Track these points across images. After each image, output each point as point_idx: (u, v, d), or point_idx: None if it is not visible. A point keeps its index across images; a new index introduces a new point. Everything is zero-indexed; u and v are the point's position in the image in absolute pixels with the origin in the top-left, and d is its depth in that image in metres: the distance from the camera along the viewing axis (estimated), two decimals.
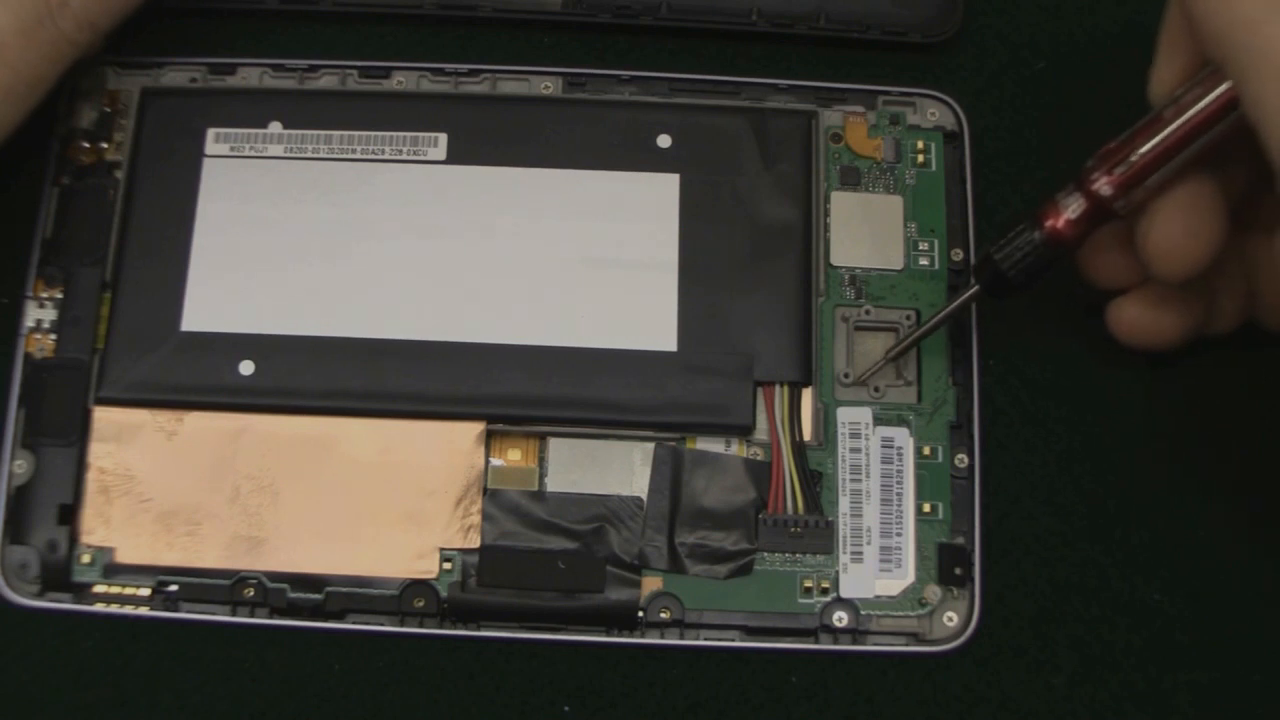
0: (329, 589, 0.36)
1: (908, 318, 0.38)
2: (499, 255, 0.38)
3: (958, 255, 0.39)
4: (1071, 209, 0.34)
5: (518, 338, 0.37)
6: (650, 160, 0.39)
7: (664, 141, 0.39)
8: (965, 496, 0.37)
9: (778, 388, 0.37)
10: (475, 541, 0.36)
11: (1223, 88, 0.31)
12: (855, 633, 0.36)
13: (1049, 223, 0.34)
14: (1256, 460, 0.38)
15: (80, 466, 0.37)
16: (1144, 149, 0.32)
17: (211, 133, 0.39)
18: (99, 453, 0.37)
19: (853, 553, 0.37)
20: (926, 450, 0.37)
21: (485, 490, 0.37)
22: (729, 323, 0.37)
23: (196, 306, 0.37)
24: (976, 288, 0.36)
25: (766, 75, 0.40)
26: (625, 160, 0.39)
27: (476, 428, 0.37)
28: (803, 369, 0.37)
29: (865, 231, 0.39)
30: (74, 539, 0.36)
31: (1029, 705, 0.36)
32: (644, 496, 0.37)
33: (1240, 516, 0.38)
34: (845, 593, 0.36)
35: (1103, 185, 0.33)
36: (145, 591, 0.36)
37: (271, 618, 0.36)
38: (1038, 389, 0.39)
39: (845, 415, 0.38)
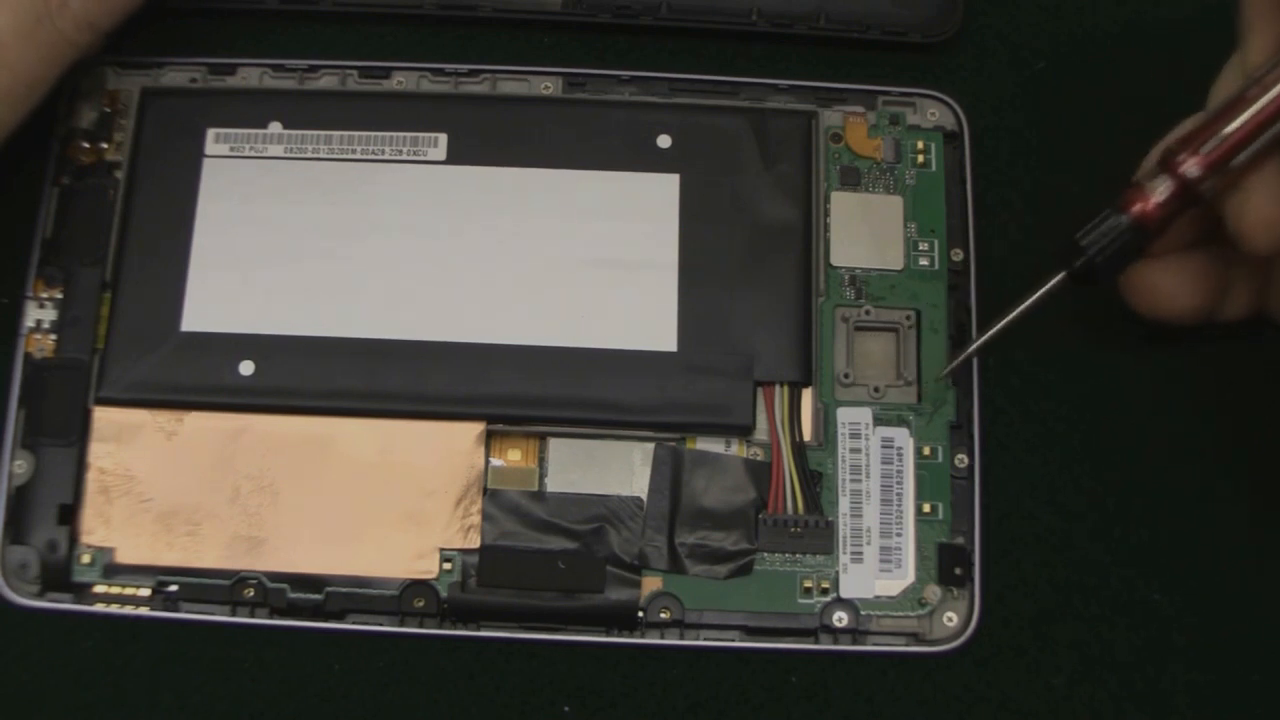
0: (329, 589, 0.36)
1: (908, 318, 0.38)
2: (499, 255, 0.38)
3: (958, 255, 0.39)
4: (1159, 192, 0.33)
5: (517, 338, 0.37)
6: (650, 160, 0.39)
7: (664, 141, 0.39)
8: (965, 496, 0.37)
9: (778, 388, 0.37)
10: (475, 541, 0.36)
11: None
12: (855, 633, 0.36)
13: (1136, 207, 0.33)
14: (1257, 460, 0.38)
15: (80, 466, 0.37)
16: (1231, 128, 0.32)
17: (211, 133, 0.39)
18: (99, 453, 0.37)
19: (853, 553, 0.37)
20: (926, 450, 0.37)
21: (485, 490, 0.37)
22: (729, 323, 0.37)
23: (196, 306, 0.37)
24: (1062, 275, 0.35)
25: (766, 75, 0.40)
26: (625, 160, 0.39)
27: (476, 428, 0.37)
28: (803, 369, 0.37)
29: (865, 231, 0.39)
30: (74, 539, 0.36)
31: (1029, 705, 0.36)
32: (644, 496, 0.37)
33: (1240, 516, 0.38)
34: (845, 593, 0.36)
35: (1190, 166, 0.32)
36: (145, 591, 0.36)
37: (271, 618, 0.36)
38: (1038, 389, 0.39)
39: (845, 415, 0.38)
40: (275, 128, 0.39)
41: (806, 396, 0.38)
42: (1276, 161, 0.33)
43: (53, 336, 0.37)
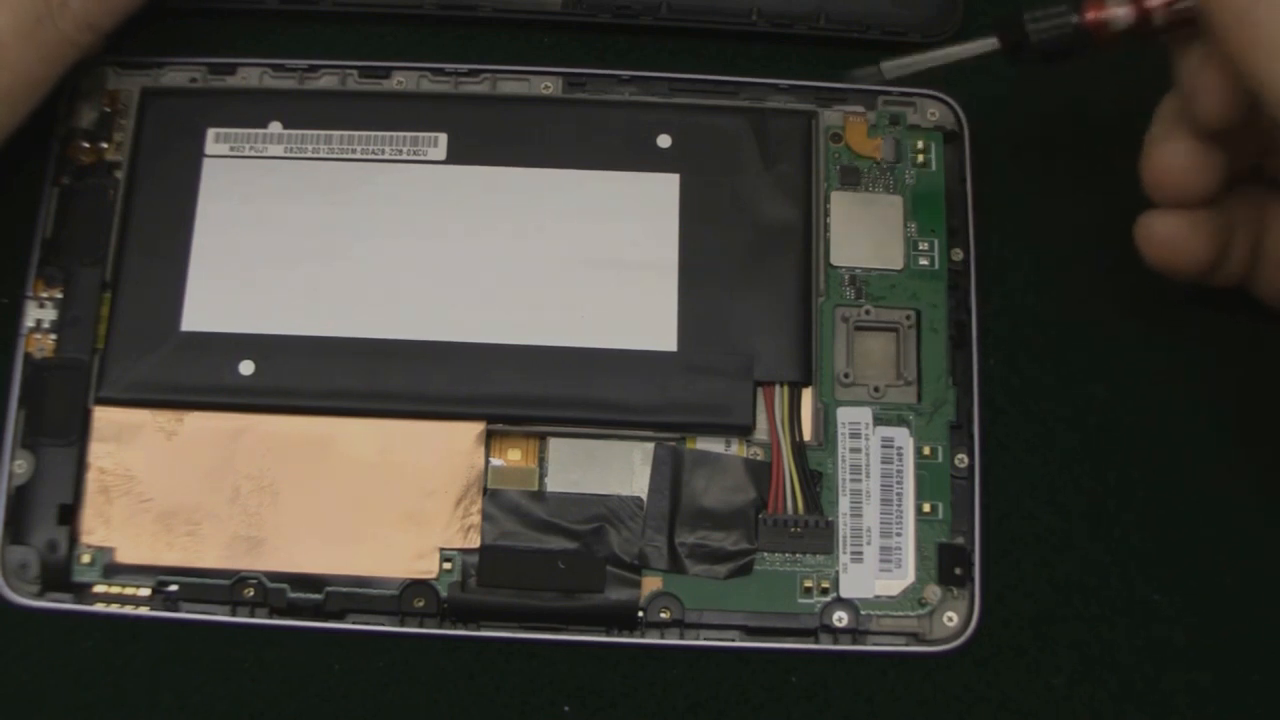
0: (329, 589, 0.36)
1: (908, 317, 0.38)
2: (499, 255, 0.38)
3: (958, 255, 0.39)
4: (1119, 19, 0.33)
5: (518, 338, 0.37)
6: (650, 160, 0.39)
7: (664, 141, 0.39)
8: (965, 496, 0.37)
9: (778, 388, 0.37)
10: (475, 541, 0.36)
11: None
12: (855, 633, 0.36)
13: (1090, 14, 0.33)
14: (1258, 460, 0.38)
15: (80, 466, 0.37)
16: None
17: (211, 133, 0.39)
18: (99, 453, 0.37)
19: (853, 553, 0.37)
20: (926, 450, 0.37)
21: (485, 490, 0.37)
22: (729, 323, 0.37)
23: (196, 306, 0.37)
24: (994, 41, 0.35)
25: (766, 75, 0.40)
26: (625, 160, 0.39)
27: (476, 428, 0.37)
28: (803, 369, 0.37)
29: (865, 231, 0.39)
30: (74, 539, 0.36)
31: (1029, 705, 0.36)
32: (644, 496, 0.37)
33: (1240, 516, 0.38)
34: (845, 593, 0.36)
35: (1157, 4, 0.32)
36: (145, 591, 0.36)
37: (271, 618, 0.36)
38: (1038, 389, 0.39)
39: (845, 415, 0.38)
40: (275, 128, 0.39)
41: (806, 396, 0.38)
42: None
43: (53, 336, 0.37)
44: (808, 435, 0.37)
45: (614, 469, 0.37)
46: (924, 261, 0.39)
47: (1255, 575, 0.37)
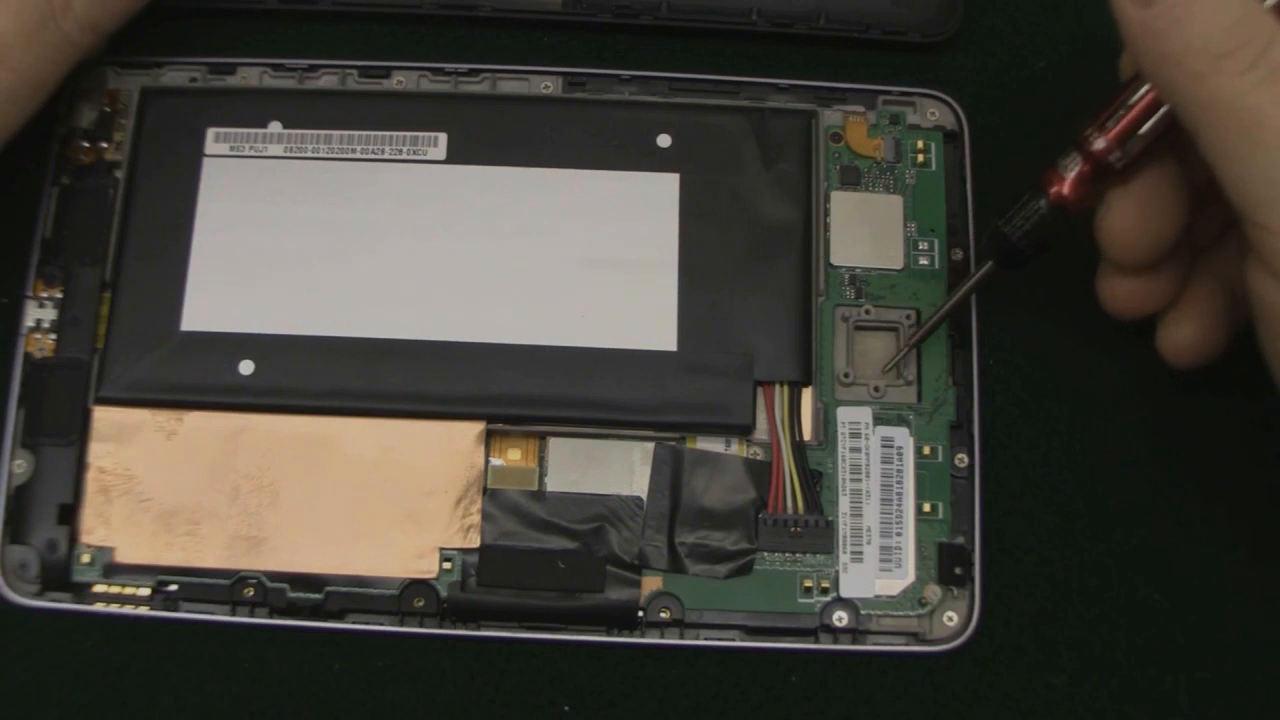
0: (329, 589, 0.36)
1: (908, 317, 0.38)
2: (499, 255, 0.38)
3: (958, 255, 0.39)
4: (1071, 170, 0.34)
5: (518, 338, 0.37)
6: (650, 160, 0.39)
7: (664, 141, 0.39)
8: (965, 496, 0.37)
9: (778, 387, 0.37)
10: (475, 541, 0.36)
11: None
12: (855, 632, 0.36)
13: (1053, 189, 0.34)
14: (1256, 460, 0.38)
15: (80, 466, 0.37)
16: (1131, 100, 0.33)
17: (211, 132, 0.39)
18: (99, 452, 0.37)
19: (853, 552, 0.37)
20: (926, 450, 0.37)
21: (485, 490, 0.37)
22: (729, 323, 0.37)
23: (196, 306, 0.37)
24: (990, 264, 0.36)
25: (766, 75, 0.40)
26: (625, 160, 0.39)
27: (476, 428, 0.37)
28: (803, 369, 0.37)
29: (865, 231, 0.39)
30: (74, 539, 0.36)
31: (1029, 705, 0.36)
32: (644, 496, 0.37)
33: (1240, 516, 0.38)
34: (845, 592, 0.36)
35: (1097, 141, 0.33)
36: (145, 591, 0.36)
37: (271, 617, 0.36)
38: (1038, 389, 0.39)
39: (845, 415, 0.38)
40: (275, 127, 0.39)
41: (806, 396, 0.38)
42: (1145, 177, 0.34)
43: (53, 336, 0.37)
44: (808, 435, 0.37)
45: (614, 469, 0.37)
46: (924, 261, 0.39)
47: (1255, 575, 0.37)
